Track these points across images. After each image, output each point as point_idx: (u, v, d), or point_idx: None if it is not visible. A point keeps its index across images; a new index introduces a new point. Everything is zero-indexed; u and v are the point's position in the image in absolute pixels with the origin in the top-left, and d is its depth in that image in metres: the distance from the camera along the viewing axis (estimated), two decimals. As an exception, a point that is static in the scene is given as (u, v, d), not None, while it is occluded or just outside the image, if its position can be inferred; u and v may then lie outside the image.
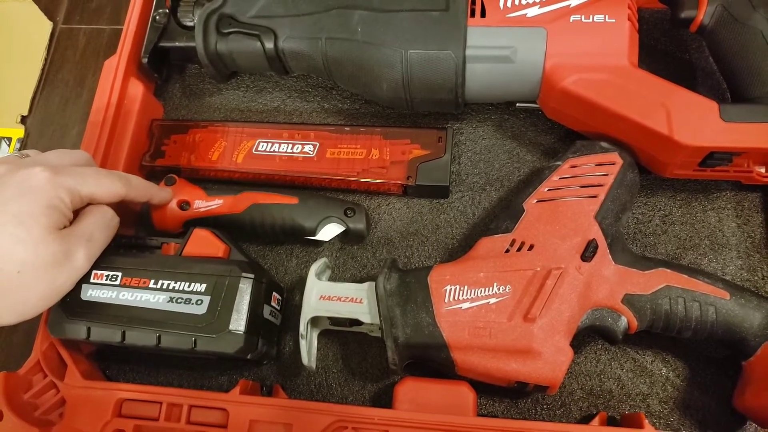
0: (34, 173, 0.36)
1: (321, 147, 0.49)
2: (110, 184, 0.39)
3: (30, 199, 0.35)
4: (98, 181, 0.38)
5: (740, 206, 0.46)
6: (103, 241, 0.39)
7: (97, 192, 0.38)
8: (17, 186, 0.35)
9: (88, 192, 0.38)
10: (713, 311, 0.39)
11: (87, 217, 0.38)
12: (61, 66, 0.65)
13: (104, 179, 0.39)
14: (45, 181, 0.35)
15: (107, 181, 0.39)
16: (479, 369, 0.38)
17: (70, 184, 0.37)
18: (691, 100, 0.41)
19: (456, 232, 0.48)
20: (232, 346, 0.37)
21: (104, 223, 0.39)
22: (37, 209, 0.34)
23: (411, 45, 0.43)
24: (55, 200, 0.35)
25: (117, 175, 0.40)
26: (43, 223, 0.34)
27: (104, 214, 0.39)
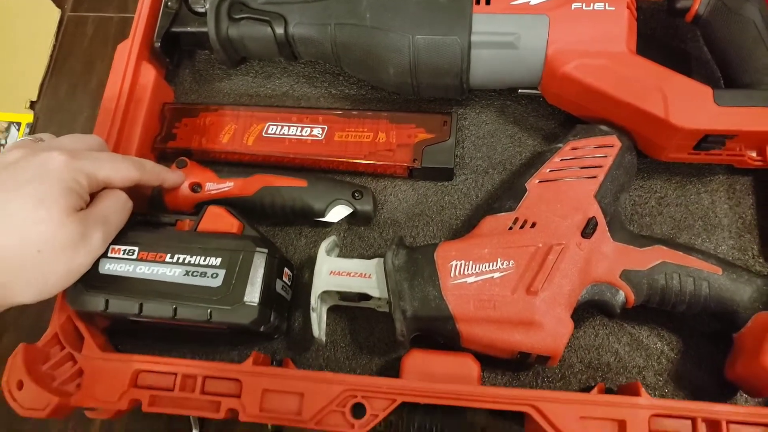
0: (52, 157, 0.37)
1: (329, 130, 0.50)
2: (125, 169, 0.40)
3: (49, 182, 0.36)
4: (114, 165, 0.40)
5: (732, 189, 0.48)
6: (117, 223, 0.40)
7: (112, 176, 0.39)
8: (36, 169, 0.36)
9: (105, 176, 0.39)
10: (706, 286, 0.40)
11: (103, 200, 0.39)
12: (69, 53, 0.67)
13: (119, 164, 0.40)
14: (63, 165, 0.36)
15: (122, 165, 0.40)
16: (484, 340, 0.40)
17: (88, 168, 0.38)
18: (686, 85, 0.43)
19: (460, 213, 0.50)
20: (246, 317, 0.39)
21: (119, 207, 0.40)
22: (56, 191, 0.35)
23: (418, 30, 0.45)
24: (73, 183, 0.37)
25: (131, 160, 0.42)
26: (62, 205, 0.35)
27: (119, 198, 0.40)
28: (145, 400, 0.41)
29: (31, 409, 0.40)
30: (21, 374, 0.40)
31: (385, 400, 0.40)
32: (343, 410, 0.39)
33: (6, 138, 0.63)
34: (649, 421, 0.38)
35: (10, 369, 0.40)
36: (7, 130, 0.64)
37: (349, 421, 0.39)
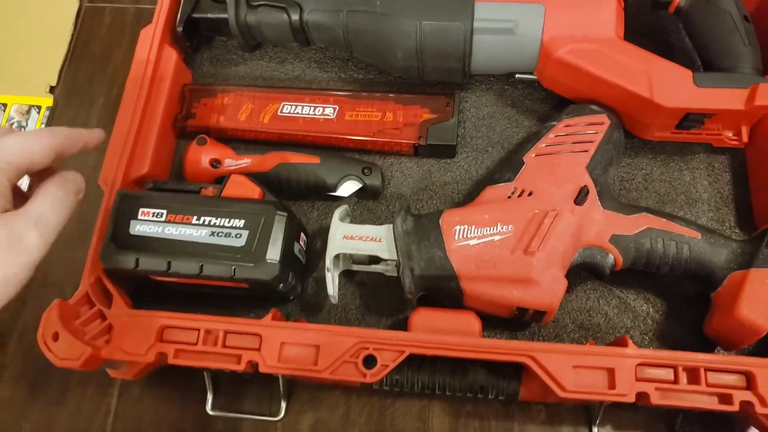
0: None
1: (340, 110, 0.54)
2: (37, 142, 0.36)
3: None
4: (22, 143, 0.35)
5: (711, 167, 0.53)
6: (58, 217, 0.36)
7: (27, 154, 0.35)
8: None
9: (18, 158, 0.35)
10: (687, 249, 0.44)
11: (38, 196, 0.36)
12: (87, 41, 0.69)
13: (27, 136, 0.36)
14: None
15: (31, 139, 0.36)
16: (485, 297, 0.44)
17: (3, 158, 0.34)
18: (669, 68, 0.47)
19: (461, 188, 0.54)
20: (268, 273, 0.42)
21: (56, 200, 0.36)
22: None
23: (425, 16, 0.49)
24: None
25: (40, 131, 0.37)
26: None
27: (56, 190, 0.37)
28: (170, 353, 0.44)
29: (65, 359, 0.42)
30: (56, 326, 0.43)
31: (395, 352, 0.43)
32: (355, 361, 0.43)
33: (27, 120, 0.66)
34: (635, 370, 0.42)
35: (46, 322, 0.43)
36: (27, 113, 0.67)
37: (362, 371, 0.43)
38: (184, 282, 0.45)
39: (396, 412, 0.50)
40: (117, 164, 0.50)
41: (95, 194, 0.58)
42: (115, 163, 0.50)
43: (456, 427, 0.49)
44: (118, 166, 0.50)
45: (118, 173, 0.50)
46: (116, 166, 0.50)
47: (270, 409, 0.50)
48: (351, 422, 0.50)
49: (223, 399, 0.51)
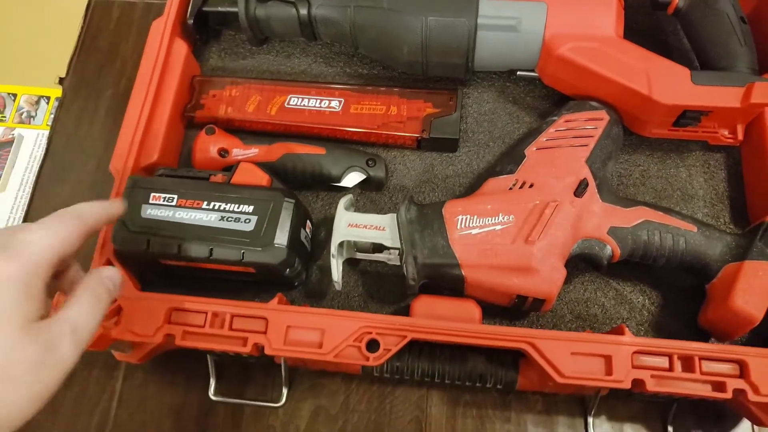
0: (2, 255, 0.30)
1: (345, 103, 0.55)
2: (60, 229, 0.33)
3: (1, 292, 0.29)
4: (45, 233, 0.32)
5: (707, 164, 0.54)
6: (93, 323, 0.34)
7: (54, 246, 0.32)
8: None
9: (45, 254, 0.32)
10: (683, 241, 0.46)
11: (72, 302, 0.33)
12: (96, 35, 0.71)
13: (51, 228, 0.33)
14: (8, 270, 0.30)
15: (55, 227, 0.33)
16: (486, 284, 0.45)
17: (31, 259, 0.31)
18: (667, 66, 0.49)
19: (463, 181, 0.55)
20: (276, 257, 0.43)
21: (92, 305, 0.34)
22: (6, 303, 0.30)
23: (430, 12, 0.50)
24: (24, 288, 0.30)
25: (62, 216, 0.34)
26: (15, 319, 0.30)
27: (92, 293, 0.34)
28: (178, 334, 0.45)
29: (75, 339, 0.43)
30: (67, 308, 0.44)
31: (397, 337, 0.44)
32: (359, 345, 0.44)
33: (36, 110, 0.68)
34: (631, 357, 0.43)
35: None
36: (37, 103, 0.68)
37: (365, 354, 0.44)
38: (192, 266, 0.46)
39: (395, 400, 0.51)
40: (128, 152, 0.51)
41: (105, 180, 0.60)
42: (126, 151, 0.51)
43: (454, 415, 0.51)
44: (129, 153, 0.51)
45: (129, 161, 0.51)
46: (127, 153, 0.51)
47: (272, 396, 0.51)
48: (351, 409, 0.51)
49: (225, 385, 0.52)
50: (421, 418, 0.51)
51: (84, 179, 0.61)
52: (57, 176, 0.62)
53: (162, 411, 0.52)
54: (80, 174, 0.62)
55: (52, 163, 0.63)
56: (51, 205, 0.60)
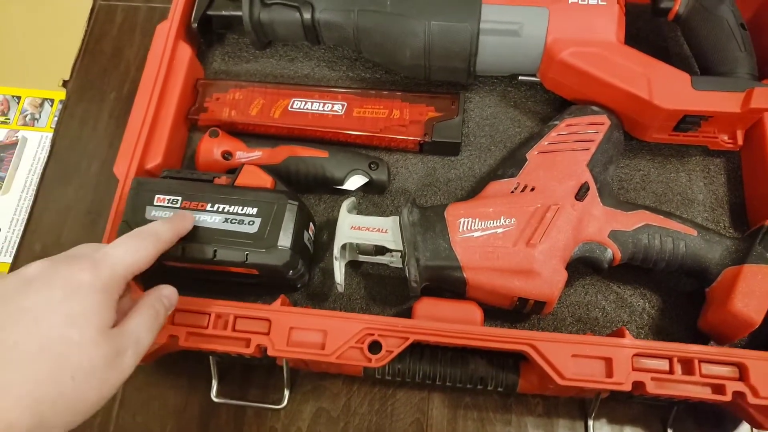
0: (80, 268, 0.33)
1: (348, 106, 0.55)
2: (140, 248, 0.37)
3: (80, 298, 0.32)
4: (125, 251, 0.36)
5: (707, 169, 0.54)
6: (148, 344, 0.36)
7: (133, 264, 0.36)
8: (64, 284, 0.33)
9: (126, 271, 0.36)
10: (683, 245, 0.46)
11: (136, 316, 0.36)
12: (100, 38, 0.71)
13: (131, 246, 0.37)
14: (92, 276, 0.33)
15: (134, 246, 0.37)
16: (487, 287, 0.45)
17: (112, 271, 0.35)
18: (668, 71, 0.49)
19: (465, 185, 0.55)
20: (280, 259, 0.44)
21: (151, 325, 0.37)
22: (88, 308, 0.32)
23: (433, 17, 0.51)
24: (104, 296, 0.33)
25: (143, 234, 0.38)
26: (95, 323, 0.32)
27: (152, 310, 0.37)
28: (181, 336, 0.45)
29: (79, 340, 0.44)
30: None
31: (399, 339, 0.44)
32: (361, 346, 0.44)
33: (40, 112, 0.68)
34: (632, 360, 0.43)
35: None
36: (41, 106, 0.68)
37: (367, 356, 0.44)
38: (196, 267, 0.46)
39: (396, 403, 0.51)
40: (132, 154, 0.51)
41: (105, 183, 0.60)
42: (130, 154, 0.51)
43: (455, 418, 0.51)
44: (133, 156, 0.51)
45: (133, 163, 0.51)
46: (131, 156, 0.51)
47: (273, 397, 0.52)
48: (352, 412, 0.51)
49: (227, 387, 0.52)
50: (422, 421, 0.51)
51: (87, 181, 0.62)
52: (60, 178, 0.63)
53: (164, 412, 0.52)
54: (84, 176, 0.62)
55: (56, 165, 0.63)
56: (54, 207, 0.61)
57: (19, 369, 0.30)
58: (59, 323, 0.31)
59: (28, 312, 0.31)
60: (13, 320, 0.31)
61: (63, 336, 0.31)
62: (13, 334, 0.30)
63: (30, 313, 0.31)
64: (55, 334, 0.31)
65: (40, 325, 0.31)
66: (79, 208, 0.61)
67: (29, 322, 0.31)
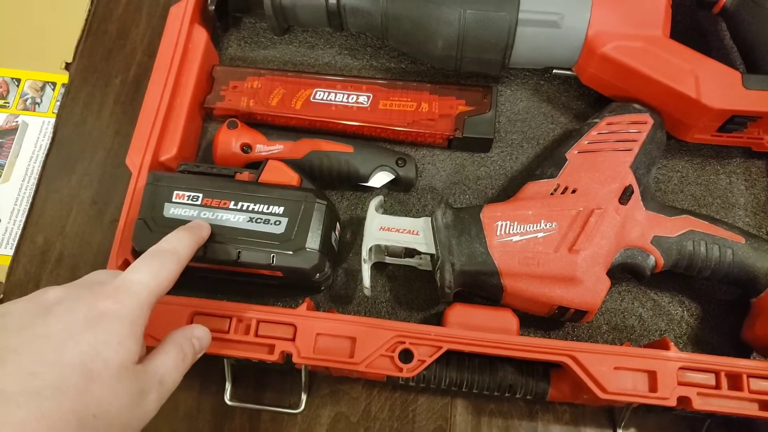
0: (104, 295, 0.31)
1: (374, 98, 0.52)
2: (163, 271, 0.34)
3: (105, 327, 0.30)
4: (149, 277, 0.33)
5: (748, 171, 0.52)
6: (173, 384, 0.33)
7: (157, 290, 0.33)
8: (87, 312, 0.30)
9: (151, 298, 0.33)
10: (730, 253, 0.44)
11: (162, 354, 0.33)
12: (104, 18, 0.67)
13: (153, 269, 0.34)
14: (117, 306, 0.31)
15: (156, 268, 0.34)
16: (526, 294, 0.43)
17: (138, 299, 0.32)
18: (717, 68, 0.47)
19: (495, 183, 0.53)
20: (308, 262, 0.41)
21: (177, 365, 0.34)
22: (114, 338, 0.30)
23: (469, 5, 0.48)
24: (131, 327, 0.31)
25: (165, 254, 0.35)
26: (120, 356, 0.29)
27: (181, 349, 0.34)
28: (201, 340, 0.42)
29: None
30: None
31: (432, 347, 0.42)
32: (392, 355, 0.42)
33: (41, 96, 0.64)
34: (677, 373, 0.41)
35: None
36: (42, 89, 0.65)
37: (398, 365, 0.42)
38: (217, 268, 0.43)
39: (418, 408, 0.49)
40: (146, 145, 0.48)
41: (114, 172, 0.57)
42: (144, 144, 0.48)
43: (479, 425, 0.49)
44: (147, 147, 0.48)
45: (147, 155, 0.48)
46: (144, 147, 0.48)
47: (290, 401, 0.49)
48: (372, 417, 0.49)
49: (242, 390, 0.50)
50: (444, 428, 0.49)
51: (92, 170, 0.59)
52: (63, 167, 0.59)
53: (176, 416, 0.50)
54: (88, 165, 0.59)
55: (59, 153, 0.60)
56: (57, 197, 0.58)
57: (37, 404, 0.26)
58: (82, 354, 0.28)
59: (48, 340, 0.28)
60: (32, 348, 0.28)
61: (85, 368, 0.28)
62: (32, 363, 0.27)
63: (50, 341, 0.28)
64: (78, 365, 0.28)
65: (61, 355, 0.28)
66: (83, 199, 0.58)
67: (49, 352, 0.28)
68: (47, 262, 0.56)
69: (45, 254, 0.55)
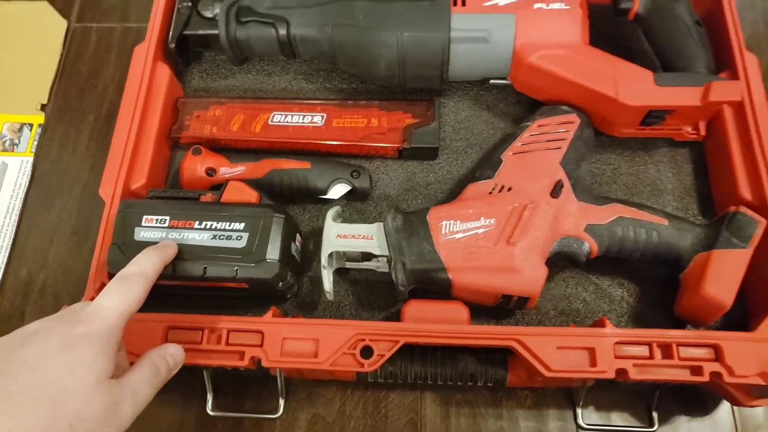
0: (78, 319, 0.35)
1: (328, 117, 0.57)
2: (131, 292, 0.38)
3: (80, 347, 0.33)
4: (119, 299, 0.37)
5: (674, 159, 0.57)
6: (147, 398, 0.37)
7: (126, 312, 0.37)
8: (63, 335, 0.34)
9: (120, 320, 0.36)
10: (656, 235, 0.48)
11: (137, 369, 0.37)
12: (76, 60, 0.71)
13: (121, 292, 0.37)
14: (88, 329, 0.34)
15: (124, 290, 0.38)
16: (472, 286, 0.47)
17: (108, 321, 0.35)
18: (632, 70, 0.51)
19: (444, 187, 0.57)
20: (269, 272, 0.45)
21: (153, 375, 0.37)
22: (87, 357, 0.33)
23: (405, 29, 0.52)
24: (104, 345, 0.34)
25: (132, 276, 0.39)
26: (93, 372, 0.33)
27: (155, 366, 0.38)
28: (176, 352, 0.46)
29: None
30: (65, 332, 0.45)
31: (390, 342, 0.46)
32: (353, 352, 0.45)
33: (19, 137, 0.68)
34: (613, 348, 0.45)
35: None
36: (19, 131, 0.68)
37: (359, 361, 0.45)
38: (186, 285, 0.47)
39: (390, 404, 0.53)
40: (116, 176, 0.52)
41: (91, 204, 0.61)
42: (115, 175, 0.52)
43: (448, 415, 0.52)
44: (118, 177, 0.52)
45: (118, 185, 0.52)
46: (116, 177, 0.52)
47: (269, 407, 0.53)
48: (347, 416, 0.52)
49: (222, 399, 0.53)
50: (416, 420, 0.52)
51: (70, 204, 0.62)
52: (43, 202, 0.63)
53: (160, 429, 0.52)
54: (66, 199, 0.63)
55: (38, 189, 0.64)
56: (39, 231, 0.61)
57: (17, 416, 0.30)
58: (57, 371, 0.32)
59: (27, 362, 0.32)
60: (13, 371, 0.32)
61: (61, 384, 0.32)
62: (12, 383, 0.31)
63: (28, 362, 0.32)
64: (53, 381, 0.32)
65: (38, 374, 0.32)
66: (63, 231, 0.61)
67: (28, 372, 0.32)
68: (31, 293, 0.59)
69: (28, 286, 0.59)
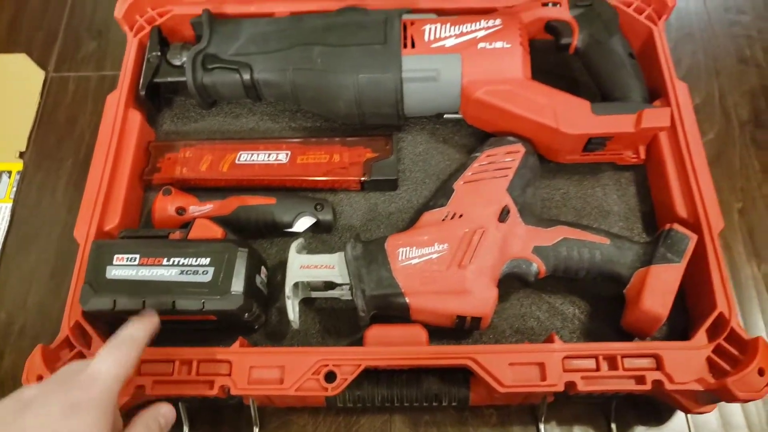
0: (75, 387, 0.35)
1: (292, 155, 0.60)
2: (124, 356, 0.38)
3: (79, 416, 0.33)
4: (112, 363, 0.37)
5: (618, 182, 0.61)
6: None
7: (122, 375, 0.38)
8: (61, 403, 0.34)
9: (116, 384, 0.37)
10: (599, 253, 0.51)
11: (131, 429, 0.38)
12: (54, 108, 0.75)
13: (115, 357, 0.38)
14: (87, 395, 0.35)
15: (116, 355, 0.38)
16: (428, 308, 0.50)
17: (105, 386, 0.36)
18: (570, 101, 0.55)
19: (404, 216, 0.60)
20: (234, 303, 0.47)
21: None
22: (88, 424, 0.33)
23: (360, 71, 0.56)
24: (101, 412, 0.35)
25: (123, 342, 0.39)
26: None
27: (148, 428, 0.39)
28: (148, 385, 0.48)
29: (50, 398, 0.46)
30: (40, 370, 0.47)
31: (352, 366, 0.48)
32: (317, 377, 0.48)
33: (-2, 185, 0.71)
34: (562, 362, 0.48)
35: (30, 367, 0.47)
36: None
37: (323, 385, 0.47)
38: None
39: (361, 428, 0.55)
40: (90, 218, 0.55)
41: (69, 247, 0.63)
42: (89, 217, 0.55)
43: (417, 436, 0.54)
44: (92, 219, 0.55)
45: (92, 226, 0.54)
46: (90, 219, 0.55)
47: (244, 436, 0.54)
48: (320, 441, 0.54)
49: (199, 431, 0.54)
50: (387, 442, 0.54)
51: (48, 248, 0.65)
52: (22, 247, 0.65)
53: (139, 462, 0.54)
54: (45, 243, 0.65)
55: (17, 235, 0.66)
56: (18, 274, 0.63)
57: None
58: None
59: (28, 430, 0.32)
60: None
61: None
62: None
63: (30, 430, 0.32)
64: None
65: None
66: (42, 274, 0.63)
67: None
68: (11, 335, 0.61)
69: (8, 327, 0.61)
